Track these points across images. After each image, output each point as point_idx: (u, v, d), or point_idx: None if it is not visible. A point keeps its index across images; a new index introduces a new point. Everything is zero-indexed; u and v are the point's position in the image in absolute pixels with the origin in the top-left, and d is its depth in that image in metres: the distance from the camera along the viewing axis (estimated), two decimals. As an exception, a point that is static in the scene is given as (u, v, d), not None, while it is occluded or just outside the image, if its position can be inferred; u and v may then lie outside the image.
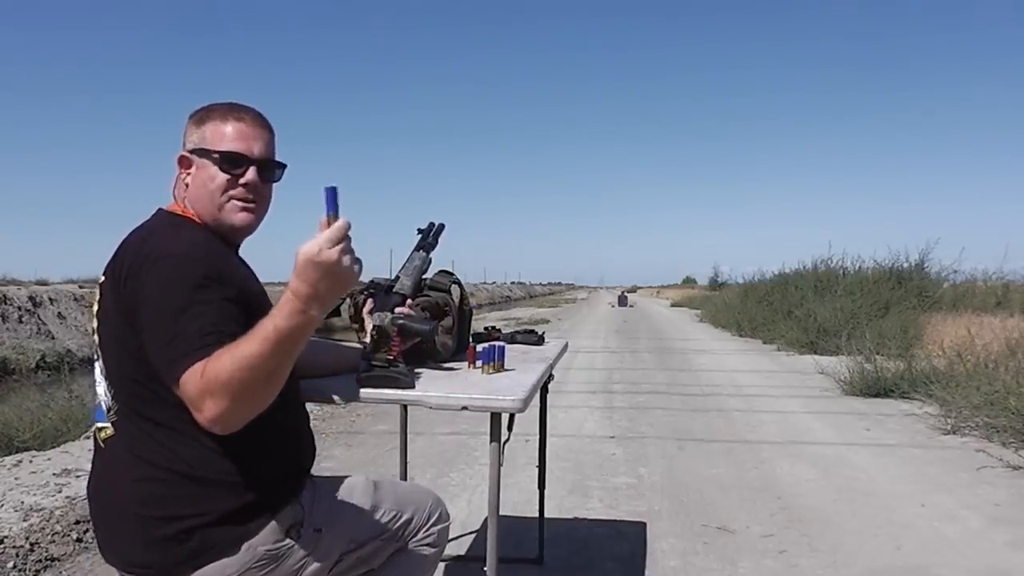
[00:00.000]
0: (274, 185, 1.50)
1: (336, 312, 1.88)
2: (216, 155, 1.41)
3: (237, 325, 1.24)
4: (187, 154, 1.44)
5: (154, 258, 1.29)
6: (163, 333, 1.23)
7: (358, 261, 1.18)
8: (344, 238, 1.16)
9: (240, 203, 1.43)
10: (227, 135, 1.42)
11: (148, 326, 1.25)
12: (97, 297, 1.40)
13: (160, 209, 1.46)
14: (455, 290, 2.08)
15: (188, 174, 1.44)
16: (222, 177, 1.41)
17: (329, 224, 1.16)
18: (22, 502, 3.32)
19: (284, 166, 1.50)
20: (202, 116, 1.45)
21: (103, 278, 1.38)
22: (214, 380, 1.16)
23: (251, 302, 1.35)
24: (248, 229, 1.47)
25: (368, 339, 1.64)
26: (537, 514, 2.84)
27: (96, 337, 1.40)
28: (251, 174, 1.42)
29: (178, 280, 1.26)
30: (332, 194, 1.18)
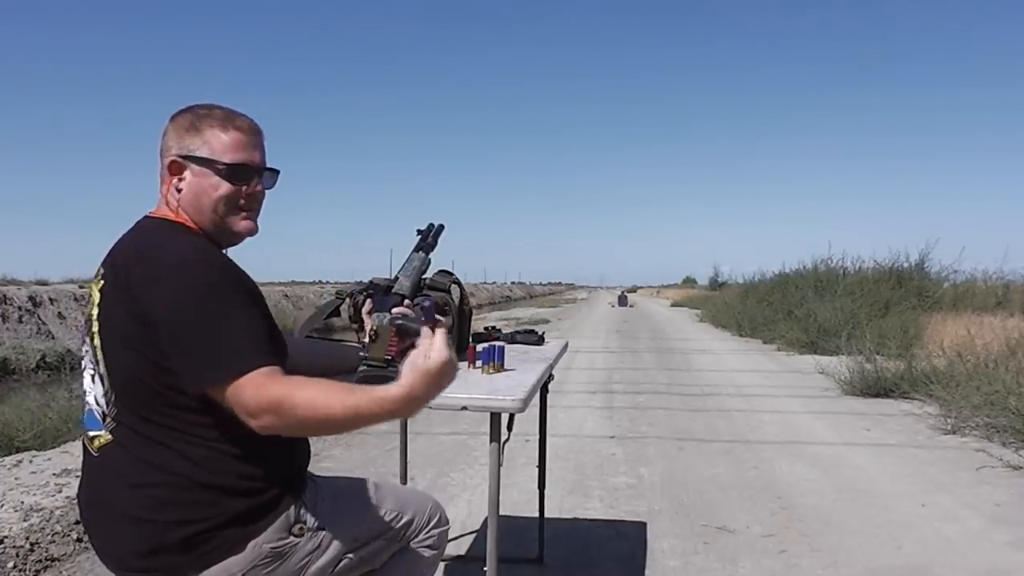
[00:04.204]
0: None
1: (336, 312, 1.88)
2: (222, 167, 1.39)
3: (277, 343, 1.33)
4: (180, 160, 1.40)
5: (170, 264, 1.28)
6: (203, 338, 1.25)
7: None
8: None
9: (244, 212, 1.43)
10: (230, 145, 1.40)
11: (182, 331, 1.25)
12: (96, 301, 1.38)
13: (148, 216, 1.44)
14: (455, 290, 2.08)
15: (181, 180, 1.40)
16: (228, 187, 1.39)
17: (433, 331, 1.23)
18: (22, 502, 3.32)
19: (278, 172, 1.50)
20: (193, 121, 1.41)
21: (102, 282, 1.37)
22: (283, 405, 1.21)
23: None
24: (250, 236, 1.48)
25: (367, 339, 1.64)
26: (537, 514, 2.84)
27: (94, 342, 1.37)
28: (258, 185, 1.43)
29: (205, 286, 1.27)
30: (431, 308, 1.28)
